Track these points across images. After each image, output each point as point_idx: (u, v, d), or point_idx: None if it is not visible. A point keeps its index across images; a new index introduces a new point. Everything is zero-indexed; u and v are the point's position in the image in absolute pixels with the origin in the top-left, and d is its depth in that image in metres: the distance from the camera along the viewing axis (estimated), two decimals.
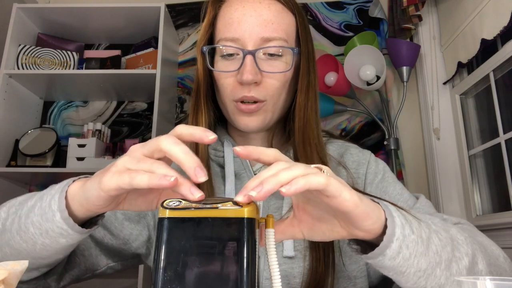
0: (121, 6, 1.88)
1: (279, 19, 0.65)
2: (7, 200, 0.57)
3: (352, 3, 2.19)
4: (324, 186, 0.37)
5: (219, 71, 0.66)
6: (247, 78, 0.61)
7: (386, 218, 0.43)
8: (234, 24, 0.64)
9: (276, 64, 0.65)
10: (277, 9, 0.66)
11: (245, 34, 0.63)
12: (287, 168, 0.38)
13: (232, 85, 0.65)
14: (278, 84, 0.65)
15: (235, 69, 0.64)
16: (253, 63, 0.62)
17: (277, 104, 0.67)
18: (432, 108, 1.90)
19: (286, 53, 0.65)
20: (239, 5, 0.65)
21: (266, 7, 0.65)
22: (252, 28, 0.63)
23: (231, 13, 0.65)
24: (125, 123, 2.08)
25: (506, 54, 1.45)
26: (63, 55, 1.92)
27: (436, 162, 1.85)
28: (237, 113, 0.66)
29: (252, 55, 0.62)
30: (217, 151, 0.71)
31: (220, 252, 0.36)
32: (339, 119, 2.03)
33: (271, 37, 0.64)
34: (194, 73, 2.32)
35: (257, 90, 0.64)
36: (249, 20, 0.63)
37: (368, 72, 1.71)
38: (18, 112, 1.88)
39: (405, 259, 0.43)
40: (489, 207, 1.68)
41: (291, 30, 0.68)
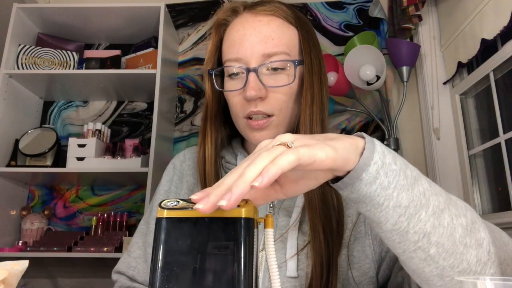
0: (121, 6, 1.88)
1: (279, 34, 0.67)
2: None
3: (352, 3, 2.19)
4: (297, 162, 0.36)
5: (226, 91, 0.70)
6: (250, 94, 0.64)
7: (365, 147, 0.41)
8: (237, 45, 0.67)
9: (280, 78, 0.67)
10: (277, 25, 0.68)
11: (247, 53, 0.66)
12: (251, 163, 0.36)
13: (240, 103, 0.67)
14: (284, 98, 0.67)
15: (241, 87, 0.66)
16: (256, 80, 0.65)
17: (286, 118, 0.68)
18: (432, 108, 1.90)
19: (290, 66, 0.67)
20: (240, 26, 0.68)
21: (265, 24, 0.67)
22: (253, 46, 0.66)
23: (233, 35, 0.69)
24: (125, 123, 2.08)
25: (506, 54, 1.45)
26: (63, 55, 1.92)
27: (436, 162, 1.85)
28: (249, 130, 0.69)
29: (254, 72, 0.65)
30: (230, 164, 0.74)
31: (217, 252, 0.36)
32: (339, 119, 2.03)
33: (272, 52, 0.66)
34: (194, 73, 2.32)
35: (263, 105, 0.66)
36: (249, 39, 0.66)
37: (368, 72, 1.71)
38: (18, 112, 1.88)
39: (383, 187, 0.40)
40: (489, 207, 1.68)
41: (294, 44, 0.69)
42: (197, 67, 2.13)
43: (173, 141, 2.02)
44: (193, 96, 2.10)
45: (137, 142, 1.92)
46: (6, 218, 1.78)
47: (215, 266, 0.36)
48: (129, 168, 1.74)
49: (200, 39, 2.17)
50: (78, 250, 1.64)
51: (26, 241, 1.73)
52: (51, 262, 1.87)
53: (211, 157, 0.71)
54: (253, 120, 0.67)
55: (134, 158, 1.79)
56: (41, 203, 1.95)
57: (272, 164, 0.35)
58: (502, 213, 1.51)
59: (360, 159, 0.40)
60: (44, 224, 1.85)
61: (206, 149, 0.72)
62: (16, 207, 1.86)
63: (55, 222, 1.93)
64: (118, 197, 1.96)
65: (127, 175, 1.77)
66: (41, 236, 1.81)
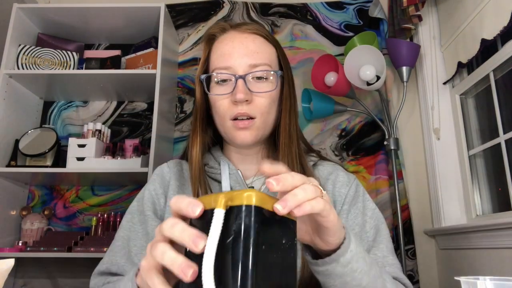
0: (121, 6, 1.88)
1: (262, 49, 0.80)
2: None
3: (352, 3, 2.19)
4: (321, 211, 0.46)
5: (216, 95, 0.78)
6: (240, 97, 0.74)
7: (345, 237, 0.53)
8: (226, 56, 0.78)
9: (263, 85, 0.78)
10: (260, 42, 0.80)
11: (235, 63, 0.77)
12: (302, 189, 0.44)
13: (227, 106, 0.77)
14: (266, 102, 0.77)
15: (229, 91, 0.76)
16: (243, 85, 0.75)
17: (266, 121, 0.79)
18: (432, 108, 1.90)
19: (271, 76, 0.79)
20: (229, 40, 0.80)
21: (251, 40, 0.79)
22: (242, 58, 0.77)
23: (223, 47, 0.79)
24: (125, 123, 2.08)
25: (506, 54, 1.45)
26: (63, 55, 1.92)
27: (436, 162, 1.85)
28: (234, 130, 0.78)
29: (242, 79, 0.76)
30: (214, 169, 0.83)
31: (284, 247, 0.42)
32: (339, 119, 2.03)
33: (257, 63, 0.77)
34: (194, 73, 2.32)
35: (249, 108, 0.76)
36: (238, 52, 0.78)
37: (368, 72, 1.71)
38: (18, 112, 1.88)
39: (353, 270, 0.53)
40: (489, 207, 1.68)
41: (273, 59, 0.82)
42: (197, 67, 2.11)
43: (173, 141, 2.02)
44: (193, 96, 2.09)
45: (137, 142, 1.92)
46: (6, 218, 1.78)
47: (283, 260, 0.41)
48: (129, 168, 1.74)
49: (200, 39, 2.17)
50: (78, 250, 1.64)
51: (26, 241, 1.73)
52: (51, 262, 1.87)
53: (198, 156, 0.81)
54: (238, 121, 0.77)
55: (134, 158, 1.79)
56: (41, 203, 1.95)
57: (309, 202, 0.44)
58: (502, 213, 1.51)
59: (341, 246, 0.52)
60: (44, 224, 1.85)
61: (196, 147, 0.81)
62: (16, 207, 1.86)
63: (55, 222, 1.93)
64: (118, 197, 1.96)
65: (127, 175, 1.77)
66: (41, 236, 1.81)
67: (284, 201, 0.42)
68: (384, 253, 0.74)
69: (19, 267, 1.87)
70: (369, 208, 0.80)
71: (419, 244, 1.86)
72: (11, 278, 1.84)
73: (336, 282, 0.54)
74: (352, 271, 0.53)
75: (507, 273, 1.34)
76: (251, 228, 0.37)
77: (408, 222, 1.84)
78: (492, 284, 0.31)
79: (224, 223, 0.38)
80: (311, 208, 0.44)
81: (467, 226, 1.59)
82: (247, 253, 0.37)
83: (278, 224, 0.41)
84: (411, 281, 1.75)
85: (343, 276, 0.53)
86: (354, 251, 0.53)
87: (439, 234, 1.81)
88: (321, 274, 0.55)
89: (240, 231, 0.37)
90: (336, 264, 0.52)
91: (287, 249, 0.42)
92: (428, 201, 1.92)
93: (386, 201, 1.87)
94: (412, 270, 1.77)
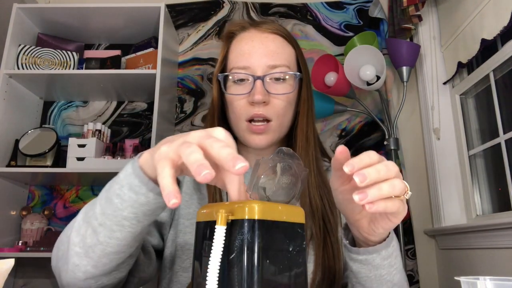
0: (121, 6, 1.88)
1: (282, 50, 0.78)
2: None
3: (352, 3, 2.19)
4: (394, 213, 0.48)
5: (233, 94, 0.76)
6: (258, 98, 0.72)
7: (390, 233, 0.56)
8: (245, 55, 0.76)
9: (281, 87, 0.76)
10: (280, 42, 0.79)
11: (254, 63, 0.75)
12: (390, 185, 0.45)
13: (244, 106, 0.75)
14: (283, 104, 0.76)
15: (247, 92, 0.75)
16: (262, 86, 0.73)
17: (282, 124, 0.77)
18: (432, 108, 1.90)
19: (290, 78, 0.77)
20: (249, 39, 0.78)
21: (271, 40, 0.78)
22: (261, 58, 0.75)
23: (242, 46, 0.78)
24: (125, 123, 2.08)
25: (506, 54, 1.45)
26: (63, 55, 1.92)
27: (436, 162, 1.85)
28: (248, 133, 0.77)
29: (261, 80, 0.74)
30: None
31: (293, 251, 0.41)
32: (339, 119, 2.03)
33: (276, 64, 0.76)
34: (194, 73, 2.32)
35: (266, 109, 0.74)
36: (257, 52, 0.76)
37: (368, 72, 1.71)
38: (18, 112, 1.88)
39: (390, 265, 0.56)
40: (489, 207, 1.68)
41: (292, 60, 0.80)
42: (197, 67, 2.13)
43: None
44: (193, 96, 2.09)
45: (137, 142, 1.92)
46: (6, 218, 1.78)
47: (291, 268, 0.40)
48: None
49: (200, 39, 2.17)
50: None
51: (26, 241, 1.73)
52: (51, 262, 1.86)
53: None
54: (253, 124, 0.75)
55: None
56: (41, 203, 1.95)
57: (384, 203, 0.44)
58: (502, 213, 1.51)
59: (386, 239, 0.55)
60: (44, 224, 1.85)
61: None
62: (16, 207, 1.86)
63: (55, 222, 1.93)
64: None
65: None
66: (41, 236, 1.81)
67: (364, 193, 0.43)
68: None
69: (19, 267, 1.87)
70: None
71: (419, 244, 1.86)
72: (11, 278, 1.84)
73: (371, 274, 0.56)
74: (390, 266, 0.56)
75: (507, 273, 1.34)
76: (254, 244, 0.36)
77: (408, 222, 1.84)
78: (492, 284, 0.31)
79: (227, 237, 0.37)
80: (384, 208, 0.45)
81: (467, 226, 1.59)
82: (252, 270, 0.36)
83: (284, 232, 0.40)
84: (411, 281, 1.75)
85: (379, 268, 0.55)
86: (395, 247, 0.56)
87: (439, 234, 1.81)
88: (358, 263, 0.56)
89: (243, 248, 0.36)
90: (377, 255, 0.54)
91: (294, 256, 0.40)
92: (428, 201, 1.92)
93: None
94: (412, 270, 1.77)
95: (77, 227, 0.56)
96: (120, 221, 0.50)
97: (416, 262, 1.78)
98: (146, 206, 0.49)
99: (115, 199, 0.49)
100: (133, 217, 0.49)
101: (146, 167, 0.48)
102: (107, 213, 0.50)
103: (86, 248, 0.53)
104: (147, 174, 0.48)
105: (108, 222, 0.50)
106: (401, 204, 0.47)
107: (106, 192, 0.51)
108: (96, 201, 0.53)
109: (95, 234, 0.52)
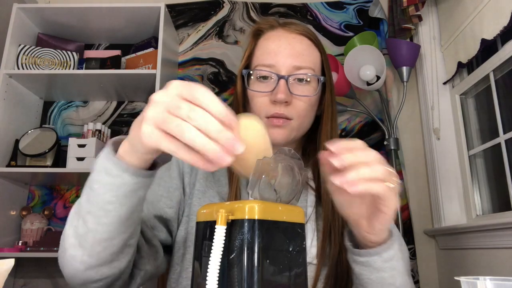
0: (121, 6, 1.88)
1: (308, 52, 0.78)
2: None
3: (352, 3, 2.19)
4: (380, 194, 0.47)
5: (255, 91, 0.77)
6: (280, 97, 0.72)
7: (391, 236, 0.56)
8: (272, 54, 0.76)
9: (304, 89, 0.76)
10: (307, 44, 0.79)
11: (279, 62, 0.75)
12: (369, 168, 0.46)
13: (265, 104, 0.75)
14: (304, 106, 0.76)
15: (270, 90, 0.75)
16: (285, 86, 0.73)
17: (302, 125, 0.77)
18: (432, 108, 1.90)
19: (313, 80, 0.77)
20: (276, 38, 0.78)
21: (299, 41, 0.78)
22: (286, 58, 0.75)
23: (269, 45, 0.78)
24: (125, 123, 2.08)
25: (506, 54, 1.45)
26: (63, 55, 1.92)
27: (436, 162, 1.85)
28: (268, 127, 0.75)
29: (285, 79, 0.74)
30: None
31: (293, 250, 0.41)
32: (339, 119, 2.03)
33: (301, 66, 0.76)
34: (194, 74, 2.31)
35: (287, 109, 0.74)
36: (284, 51, 0.76)
37: (368, 72, 1.71)
38: (18, 112, 1.88)
39: (392, 267, 0.55)
40: (489, 207, 1.68)
41: (317, 63, 0.80)
42: (197, 67, 2.13)
43: None
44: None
45: None
46: (6, 218, 1.78)
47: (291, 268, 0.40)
48: None
49: (200, 39, 2.17)
50: None
51: (26, 241, 1.73)
52: (51, 262, 1.86)
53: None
54: (274, 118, 0.75)
55: None
56: (41, 203, 1.95)
57: (365, 183, 0.45)
58: (502, 213, 1.51)
59: (388, 241, 0.55)
60: (44, 224, 1.85)
61: None
62: (16, 207, 1.86)
63: (55, 222, 1.93)
64: None
65: None
66: (41, 236, 1.81)
67: (342, 176, 0.43)
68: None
69: (19, 267, 1.87)
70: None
71: (419, 244, 1.86)
72: (11, 278, 1.84)
73: (372, 276, 0.56)
74: (392, 268, 0.55)
75: (507, 273, 1.34)
76: (254, 244, 0.37)
77: (408, 222, 1.84)
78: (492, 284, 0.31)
79: (227, 237, 0.38)
80: (366, 189, 0.44)
81: (467, 226, 1.59)
82: (252, 270, 0.36)
83: (284, 232, 0.40)
84: None
85: (381, 271, 0.55)
86: (397, 250, 0.55)
87: (439, 234, 1.81)
88: (360, 265, 0.56)
89: (243, 248, 0.37)
90: (378, 257, 0.54)
91: (294, 256, 0.40)
92: (428, 201, 1.92)
93: None
94: (412, 270, 1.77)
95: (70, 219, 0.57)
96: (104, 205, 0.51)
97: (416, 262, 1.78)
98: (124, 187, 0.50)
99: (95, 184, 0.51)
100: (115, 200, 0.51)
101: (127, 149, 0.49)
102: (91, 200, 0.52)
103: (79, 238, 0.55)
104: (128, 157, 0.50)
105: (93, 209, 0.52)
106: (387, 189, 0.47)
107: (88, 181, 0.54)
108: (83, 192, 0.55)
109: (84, 223, 0.53)
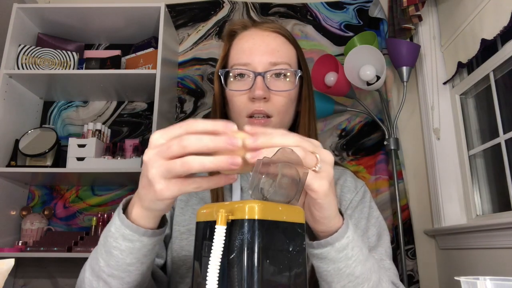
0: (121, 6, 1.88)
1: (283, 48, 0.79)
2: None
3: (352, 3, 2.19)
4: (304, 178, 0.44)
5: (233, 90, 0.77)
6: (258, 93, 0.72)
7: (343, 224, 0.52)
8: (247, 52, 0.77)
9: (282, 83, 0.77)
10: (281, 41, 0.80)
11: (255, 60, 0.76)
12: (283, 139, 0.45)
13: (245, 102, 0.76)
14: (284, 101, 0.76)
15: (247, 88, 0.75)
16: (262, 82, 0.74)
17: (282, 121, 0.77)
18: (432, 108, 1.90)
19: (290, 75, 0.78)
20: (250, 37, 0.79)
21: (273, 38, 0.79)
22: (262, 55, 0.76)
23: (243, 44, 0.79)
24: (125, 123, 2.08)
25: (506, 54, 1.45)
26: (63, 55, 1.92)
27: (436, 162, 1.85)
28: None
29: (261, 76, 0.74)
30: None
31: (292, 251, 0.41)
32: (339, 119, 2.03)
33: (277, 61, 0.76)
34: (194, 74, 2.32)
35: (266, 106, 0.75)
36: (259, 49, 0.77)
37: (368, 72, 1.71)
38: (18, 112, 1.88)
39: (347, 257, 0.52)
40: (489, 207, 1.68)
41: (293, 59, 0.81)
42: (197, 67, 2.13)
43: None
44: (193, 96, 2.10)
45: (137, 142, 1.92)
46: (6, 218, 1.78)
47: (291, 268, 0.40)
48: (129, 168, 1.74)
49: (200, 39, 2.17)
50: (78, 250, 1.64)
51: (26, 241, 1.73)
52: (51, 262, 1.87)
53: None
54: (254, 118, 0.75)
55: (134, 158, 1.79)
56: (41, 203, 1.96)
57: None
58: (502, 213, 1.51)
59: (338, 231, 0.52)
60: (44, 224, 1.85)
61: None
62: (16, 207, 1.86)
63: (55, 222, 1.93)
64: (118, 197, 1.96)
65: (127, 175, 1.77)
66: (41, 236, 1.81)
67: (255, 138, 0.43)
68: (382, 256, 0.73)
69: (19, 267, 1.87)
70: (374, 216, 0.80)
71: (419, 244, 1.86)
72: (11, 278, 1.84)
73: (329, 268, 0.53)
74: (347, 258, 0.52)
75: (507, 273, 1.34)
76: (254, 244, 0.37)
77: (408, 222, 1.84)
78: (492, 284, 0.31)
79: (227, 237, 0.38)
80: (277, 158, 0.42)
81: (467, 226, 1.59)
82: (252, 270, 0.36)
83: (284, 232, 0.40)
84: (411, 281, 1.75)
85: (336, 262, 0.52)
86: (351, 238, 0.53)
87: (439, 234, 1.81)
88: (315, 258, 0.54)
89: (243, 248, 0.37)
90: (331, 248, 0.52)
91: (294, 256, 0.40)
92: (428, 201, 1.92)
93: (386, 201, 1.87)
94: (412, 270, 1.77)
95: (88, 283, 0.58)
96: (126, 268, 0.53)
97: (416, 262, 1.78)
98: (144, 249, 0.52)
99: (114, 251, 0.53)
100: (135, 261, 0.53)
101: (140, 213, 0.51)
102: (111, 264, 0.54)
103: None
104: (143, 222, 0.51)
105: (115, 272, 0.54)
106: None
107: (103, 246, 0.54)
108: (97, 255, 0.56)
109: (107, 284, 0.55)
